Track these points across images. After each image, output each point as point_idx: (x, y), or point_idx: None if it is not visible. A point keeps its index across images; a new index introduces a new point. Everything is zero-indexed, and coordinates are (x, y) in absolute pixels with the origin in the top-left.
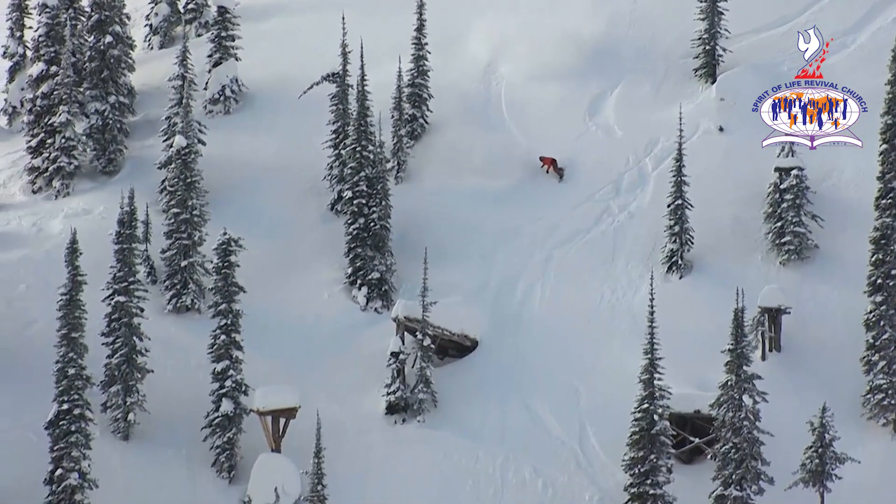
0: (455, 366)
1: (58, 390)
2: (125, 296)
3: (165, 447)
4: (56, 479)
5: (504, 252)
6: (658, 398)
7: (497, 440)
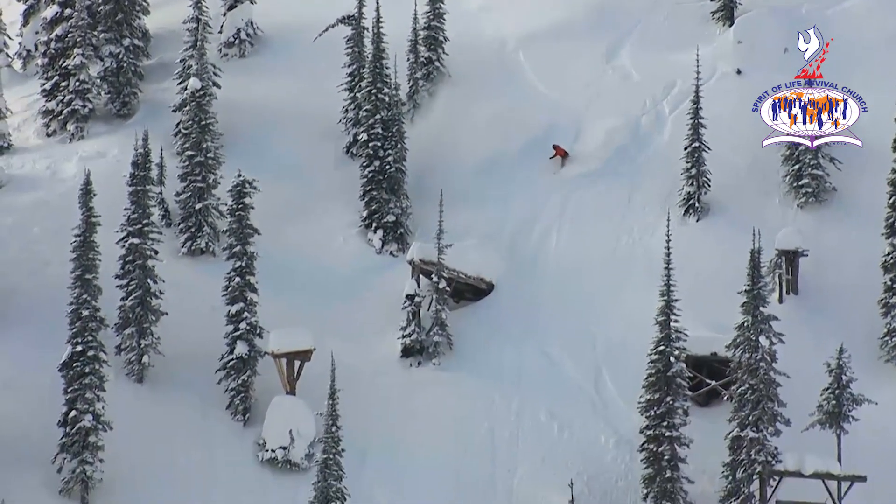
0: (470, 309)
1: (71, 332)
2: (139, 238)
3: (180, 390)
4: (70, 420)
5: (520, 195)
6: (674, 340)
7: (513, 383)
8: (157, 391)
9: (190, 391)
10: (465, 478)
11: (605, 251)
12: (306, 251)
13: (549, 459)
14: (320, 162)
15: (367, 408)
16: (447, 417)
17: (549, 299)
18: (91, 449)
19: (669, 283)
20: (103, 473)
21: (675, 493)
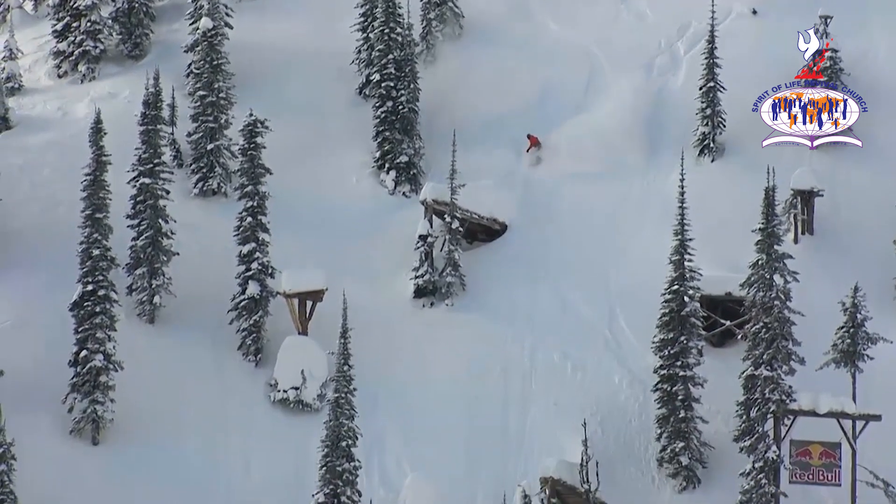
0: (484, 250)
1: (82, 271)
2: (150, 177)
3: (191, 331)
4: (81, 360)
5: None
6: (688, 280)
7: (526, 324)
8: (169, 332)
9: (201, 332)
10: (477, 418)
11: (619, 192)
12: (319, 192)
13: (562, 400)
14: (333, 103)
15: (380, 349)
16: (460, 358)
17: (562, 240)
18: (102, 389)
19: (683, 223)
20: (114, 413)
21: (688, 432)
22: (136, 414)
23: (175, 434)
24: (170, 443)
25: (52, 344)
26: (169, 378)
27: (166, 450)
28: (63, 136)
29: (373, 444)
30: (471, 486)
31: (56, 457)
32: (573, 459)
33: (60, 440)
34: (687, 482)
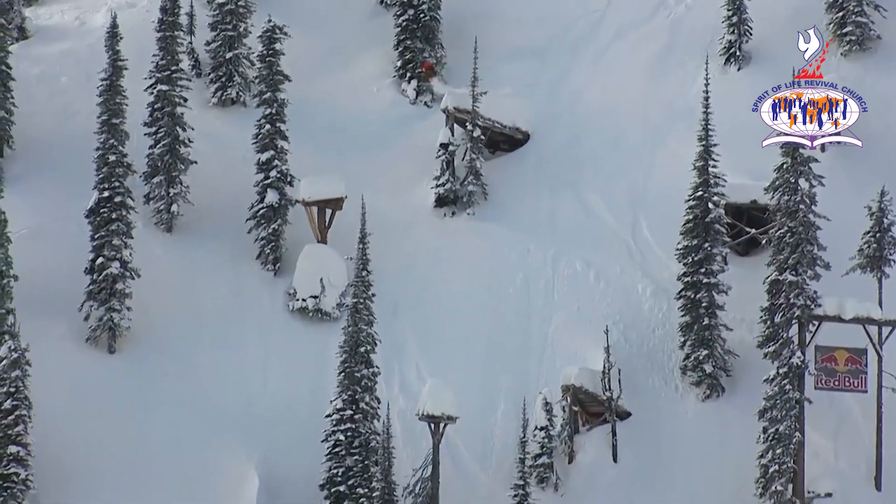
0: (506, 159)
1: (98, 177)
2: (168, 84)
3: (209, 239)
4: (97, 267)
5: (556, 45)
6: (712, 185)
7: (548, 232)
8: (187, 241)
9: (219, 241)
10: (498, 326)
11: (643, 101)
12: (338, 101)
13: (584, 309)
14: (353, 11)
15: (400, 258)
16: (481, 267)
17: (585, 150)
18: (118, 296)
19: (708, 128)
20: (131, 322)
21: (712, 340)
22: (153, 322)
23: (192, 343)
24: (187, 351)
25: (69, 251)
26: (186, 287)
27: (183, 358)
28: (80, 45)
29: (392, 352)
30: (491, 393)
31: (72, 364)
32: (595, 367)
33: (76, 348)
34: (710, 390)
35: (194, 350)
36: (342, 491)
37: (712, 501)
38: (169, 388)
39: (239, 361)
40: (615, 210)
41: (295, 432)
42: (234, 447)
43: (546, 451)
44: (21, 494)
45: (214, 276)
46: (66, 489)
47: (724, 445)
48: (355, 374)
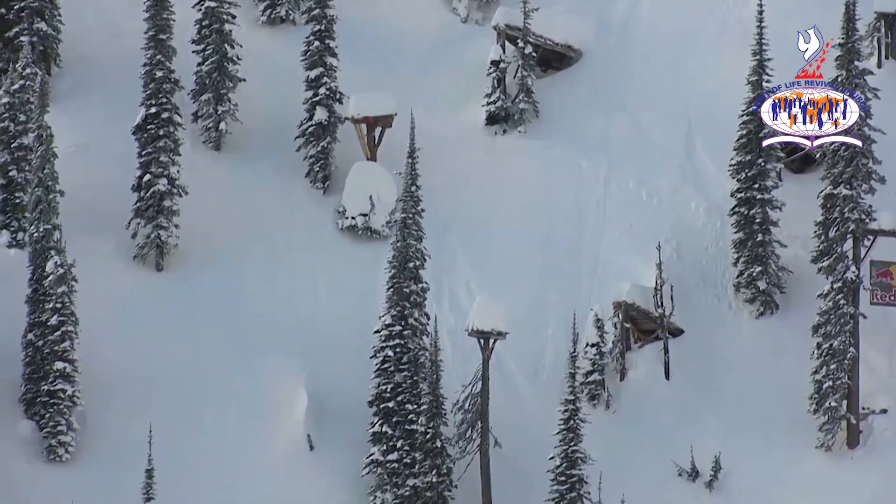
0: (558, 77)
1: (145, 94)
2: (216, 1)
3: (258, 158)
4: (144, 184)
5: None
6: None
7: (601, 150)
8: (235, 159)
9: (268, 159)
10: (550, 244)
11: (698, 19)
12: (389, 18)
13: (636, 226)
14: None
15: (450, 176)
16: (533, 186)
17: (639, 67)
18: (166, 214)
19: (762, 42)
20: (178, 239)
21: (766, 257)
22: (200, 240)
23: (240, 261)
24: (235, 269)
25: (116, 169)
26: (235, 205)
27: (231, 276)
28: None
29: (442, 270)
30: (542, 310)
31: (119, 282)
32: (647, 284)
33: (123, 265)
34: (764, 307)
35: (242, 268)
36: (391, 407)
37: (766, 418)
38: (217, 305)
39: (287, 279)
40: (668, 128)
41: (343, 349)
42: (283, 364)
43: (597, 368)
44: (68, 411)
45: (263, 194)
46: (112, 406)
47: (777, 362)
48: (404, 289)
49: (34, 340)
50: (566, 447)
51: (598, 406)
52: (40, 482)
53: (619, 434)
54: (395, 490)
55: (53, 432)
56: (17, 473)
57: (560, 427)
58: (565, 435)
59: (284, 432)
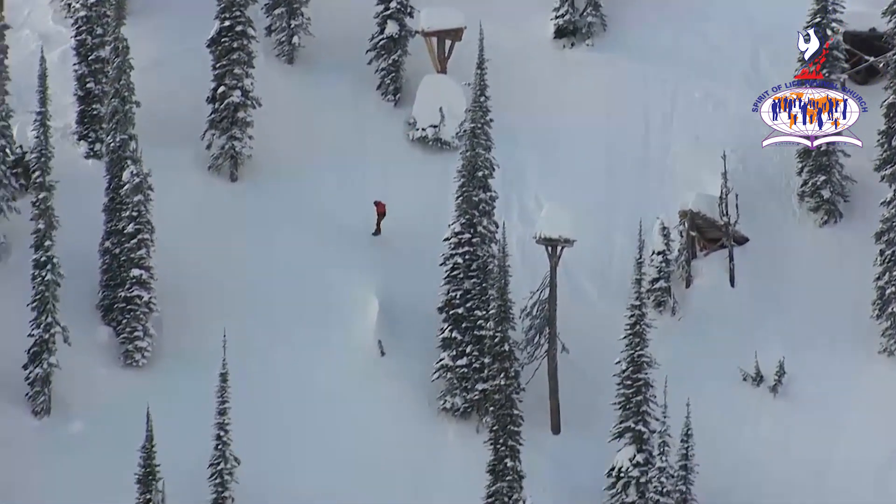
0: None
1: (219, 7)
2: None
3: (330, 71)
4: (219, 96)
5: None
6: (830, 12)
7: (668, 63)
8: (308, 72)
9: (340, 72)
10: (617, 154)
11: None
12: None
13: (702, 137)
14: None
15: (519, 89)
16: (600, 98)
17: None
18: (240, 125)
19: None
20: (252, 150)
21: (830, 166)
22: (274, 151)
23: (313, 171)
24: (308, 180)
25: (191, 82)
26: (307, 116)
27: (304, 186)
28: None
29: (511, 181)
30: (609, 219)
31: (194, 191)
32: (712, 194)
33: (199, 176)
34: (828, 216)
35: (315, 178)
36: (460, 313)
37: (829, 324)
38: (290, 215)
39: (359, 190)
40: (734, 40)
41: (414, 257)
42: (354, 272)
43: (663, 276)
44: (144, 317)
45: (335, 106)
46: (187, 313)
47: (841, 269)
48: (473, 198)
49: (111, 248)
50: (632, 351)
51: (663, 313)
52: (117, 386)
53: (685, 340)
54: (465, 394)
55: (130, 338)
56: (95, 378)
57: (626, 332)
58: (631, 340)
59: (356, 338)
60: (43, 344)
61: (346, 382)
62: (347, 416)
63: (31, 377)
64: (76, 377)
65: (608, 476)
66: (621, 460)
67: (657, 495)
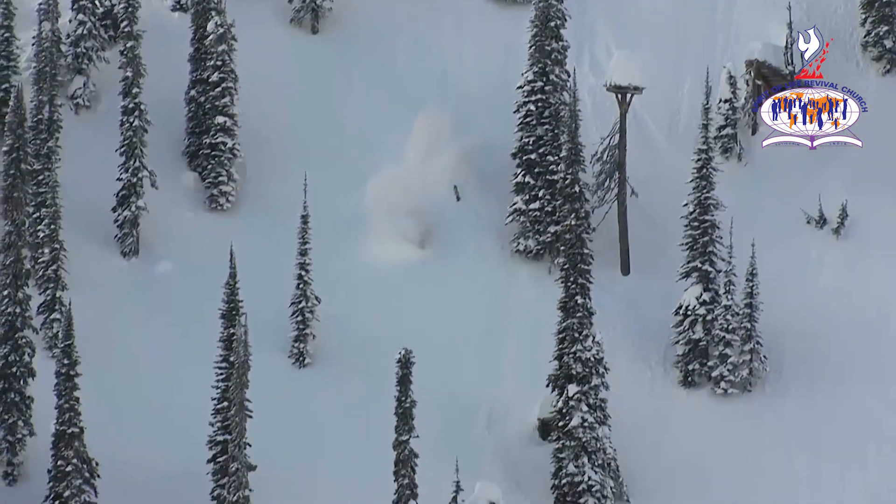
0: None
1: None
2: None
3: None
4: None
5: None
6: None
7: None
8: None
9: None
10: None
11: None
12: None
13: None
14: None
15: None
16: None
17: None
18: None
19: None
20: (332, 3)
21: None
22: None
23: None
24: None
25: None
26: None
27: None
28: None
29: (584, 33)
30: (677, 67)
31: (276, 43)
32: (778, 43)
33: (281, 28)
34: (890, 65)
35: (392, 31)
36: (533, 159)
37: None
38: (368, 65)
39: (435, 39)
40: None
41: (488, 105)
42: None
43: (730, 123)
44: (228, 162)
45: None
46: (269, 159)
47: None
48: (545, 47)
49: (196, 97)
50: (699, 194)
51: (730, 159)
52: (203, 229)
53: (750, 184)
54: (537, 237)
55: (215, 182)
56: (182, 221)
57: (693, 175)
58: (698, 183)
59: (433, 184)
60: (131, 188)
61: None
62: (422, 258)
63: (119, 219)
64: (163, 220)
65: (675, 314)
66: (688, 299)
67: (723, 332)
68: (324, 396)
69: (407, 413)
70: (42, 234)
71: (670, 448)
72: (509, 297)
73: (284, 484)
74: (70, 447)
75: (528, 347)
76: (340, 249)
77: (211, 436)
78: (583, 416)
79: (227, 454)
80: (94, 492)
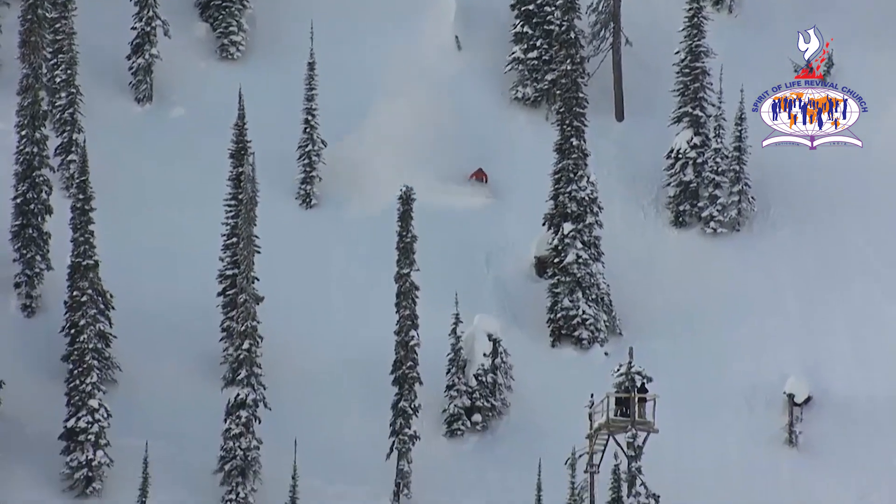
0: None
1: None
2: None
3: None
4: None
5: None
6: None
7: None
8: None
9: None
10: None
11: None
12: None
13: None
14: None
15: None
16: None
17: None
18: None
19: None
20: None
21: None
22: None
23: None
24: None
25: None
26: None
27: None
28: None
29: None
30: None
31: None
32: None
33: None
34: None
35: None
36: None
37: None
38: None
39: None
40: None
41: None
42: None
43: None
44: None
45: None
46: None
47: None
48: None
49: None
50: (690, 42)
51: (721, 10)
52: (214, 77)
53: (741, 34)
54: (535, 85)
55: (226, 32)
56: (194, 69)
57: (685, 24)
58: (690, 31)
59: (435, 35)
60: (145, 36)
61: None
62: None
63: (133, 67)
64: (176, 68)
65: (667, 157)
66: (679, 142)
67: (713, 174)
68: (330, 235)
69: (408, 247)
70: (59, 78)
71: (662, 285)
72: (508, 142)
73: (291, 315)
74: (85, 278)
75: (525, 189)
76: (347, 97)
77: (221, 270)
78: (577, 252)
79: (236, 287)
80: (109, 322)
